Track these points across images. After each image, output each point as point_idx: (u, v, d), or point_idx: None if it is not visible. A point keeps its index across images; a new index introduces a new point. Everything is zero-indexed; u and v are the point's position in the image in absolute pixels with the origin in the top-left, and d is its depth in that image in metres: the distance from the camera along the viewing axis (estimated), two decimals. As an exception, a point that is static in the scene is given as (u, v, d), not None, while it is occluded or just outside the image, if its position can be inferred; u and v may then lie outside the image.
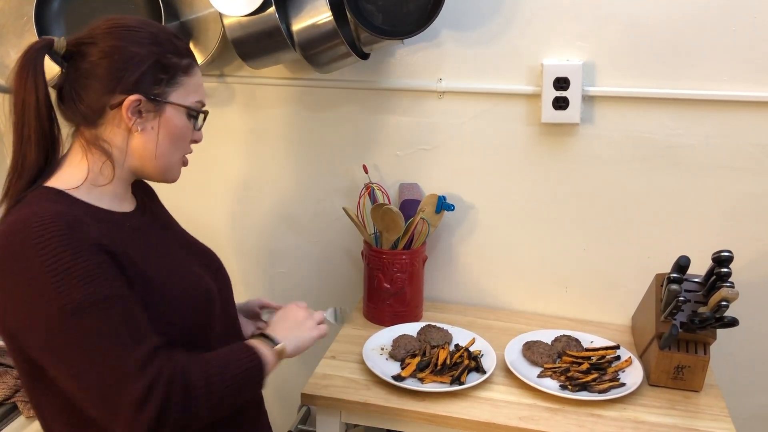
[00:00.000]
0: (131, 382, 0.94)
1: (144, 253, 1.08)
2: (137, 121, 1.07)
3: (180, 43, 1.12)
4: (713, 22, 1.53)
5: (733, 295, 1.35)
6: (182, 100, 1.10)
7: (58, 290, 0.93)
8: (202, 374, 1.01)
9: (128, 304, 0.98)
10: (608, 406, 1.40)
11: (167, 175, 1.15)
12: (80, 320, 0.94)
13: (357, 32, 1.63)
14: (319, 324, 1.25)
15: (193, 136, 1.16)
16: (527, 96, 1.66)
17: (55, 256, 0.94)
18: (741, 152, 1.59)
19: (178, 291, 1.10)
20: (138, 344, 0.96)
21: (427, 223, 1.71)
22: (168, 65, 1.08)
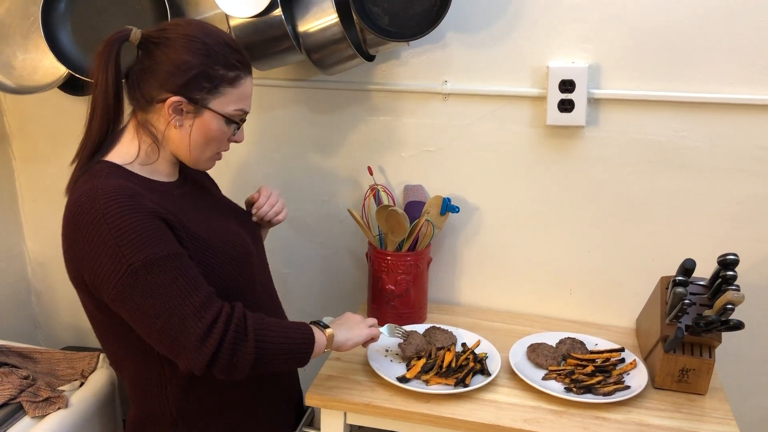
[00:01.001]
0: (193, 322, 1.13)
1: (190, 216, 1.26)
2: (176, 118, 1.22)
3: (232, 57, 1.23)
4: (718, 25, 1.53)
5: (738, 299, 1.35)
6: (222, 108, 1.23)
7: (125, 252, 1.12)
8: (258, 325, 1.18)
9: (183, 260, 1.16)
10: (613, 409, 1.40)
11: (199, 166, 1.31)
12: (146, 276, 1.12)
13: (363, 34, 1.63)
14: (371, 326, 1.42)
15: (233, 138, 1.30)
16: (532, 98, 1.67)
17: (120, 224, 1.12)
18: (746, 155, 1.59)
19: (222, 245, 1.27)
20: (195, 291, 1.14)
21: (432, 225, 1.71)
22: (214, 76, 1.21)
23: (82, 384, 1.58)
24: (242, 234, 1.36)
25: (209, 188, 1.47)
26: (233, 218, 1.40)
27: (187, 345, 1.13)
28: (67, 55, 1.69)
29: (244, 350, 1.16)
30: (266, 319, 1.22)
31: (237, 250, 1.31)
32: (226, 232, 1.32)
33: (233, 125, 1.27)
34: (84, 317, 2.21)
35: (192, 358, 1.13)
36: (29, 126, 2.05)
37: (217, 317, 1.14)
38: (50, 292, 2.22)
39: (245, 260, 1.32)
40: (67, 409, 1.48)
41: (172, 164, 1.31)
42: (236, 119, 1.27)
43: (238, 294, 1.28)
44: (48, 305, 2.24)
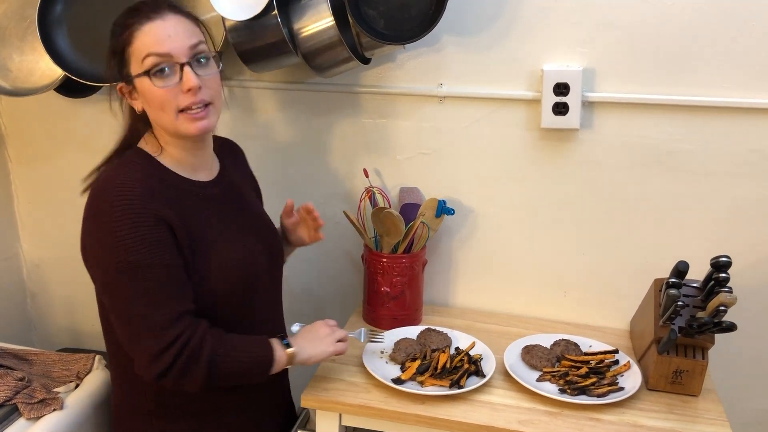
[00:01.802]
0: (153, 337, 1.16)
1: (204, 220, 1.27)
2: (130, 101, 1.25)
3: (127, 18, 1.20)
4: (712, 29, 1.54)
5: (731, 300, 1.36)
6: (138, 69, 1.19)
7: (117, 249, 1.15)
8: (214, 352, 1.19)
9: (169, 271, 1.18)
10: (607, 410, 1.41)
11: (180, 132, 1.24)
12: (127, 277, 1.15)
13: (359, 37, 1.63)
14: (339, 341, 1.38)
15: (182, 87, 1.19)
16: (527, 101, 1.67)
17: (121, 222, 1.15)
18: (739, 158, 1.60)
19: (227, 258, 1.27)
20: (165, 308, 1.16)
21: (427, 227, 1.72)
22: (116, 47, 1.21)
23: (77, 386, 1.58)
24: (256, 250, 1.36)
25: (245, 195, 1.44)
26: (254, 232, 1.39)
27: (141, 356, 1.18)
28: (64, 58, 1.69)
29: (194, 375, 1.19)
30: (223, 346, 1.22)
31: (242, 265, 1.31)
32: (237, 245, 1.31)
33: (163, 75, 1.17)
34: (79, 319, 2.22)
35: (143, 368, 1.19)
36: (25, 128, 2.05)
37: (175, 340, 1.16)
38: (45, 293, 2.22)
39: (248, 276, 1.32)
40: (62, 410, 1.48)
41: (190, 153, 1.29)
42: (154, 68, 1.17)
43: (231, 306, 1.30)
44: (43, 307, 2.24)
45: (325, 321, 1.41)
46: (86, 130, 1.98)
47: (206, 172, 1.34)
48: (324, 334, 1.37)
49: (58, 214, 2.09)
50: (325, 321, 1.41)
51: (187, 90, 1.18)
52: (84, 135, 1.99)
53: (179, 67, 1.18)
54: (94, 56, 1.69)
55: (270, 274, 1.41)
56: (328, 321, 1.42)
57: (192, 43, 1.20)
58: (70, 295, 2.18)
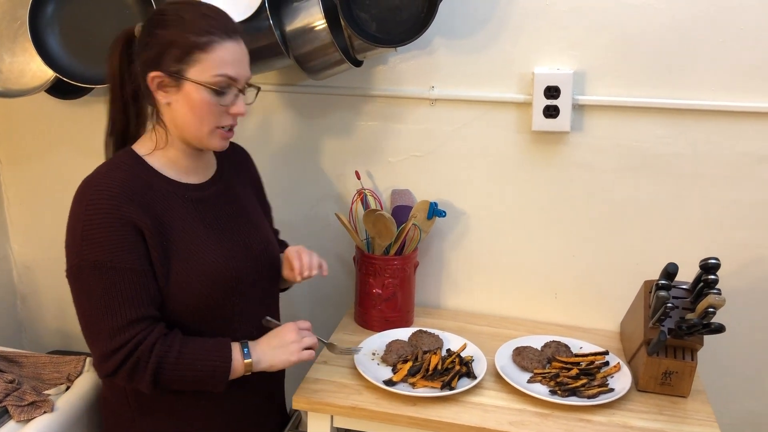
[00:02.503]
0: (103, 340, 1.20)
1: (187, 227, 1.28)
2: (162, 94, 1.24)
3: (204, 23, 1.21)
4: (701, 33, 1.55)
5: (719, 302, 1.37)
6: (199, 77, 1.21)
7: (82, 247, 1.19)
8: (161, 360, 1.21)
9: (130, 276, 1.20)
10: (597, 411, 1.41)
11: (204, 144, 1.29)
12: (88, 275, 1.19)
13: (351, 40, 1.64)
14: (305, 349, 1.34)
15: (231, 110, 1.27)
16: (518, 104, 1.68)
17: (91, 221, 1.19)
18: (728, 161, 1.62)
19: (206, 264, 1.28)
20: (120, 312, 1.19)
21: (419, 229, 1.73)
22: (183, 44, 1.20)
23: (68, 388, 1.58)
24: (239, 255, 1.34)
25: (241, 199, 1.43)
26: (242, 237, 1.37)
27: (93, 353, 1.24)
28: (55, 59, 1.68)
29: (141, 379, 1.22)
30: (175, 351, 1.23)
31: (221, 272, 1.30)
32: (219, 251, 1.31)
33: (223, 95, 1.24)
34: (69, 321, 2.21)
35: (95, 365, 1.25)
36: (16, 129, 2.04)
37: (124, 345, 1.19)
38: (36, 295, 2.21)
39: (228, 281, 1.31)
40: (52, 413, 1.47)
41: (190, 157, 1.31)
42: (219, 87, 1.22)
43: (210, 309, 1.30)
44: (34, 309, 2.22)
45: (296, 324, 1.36)
46: (77, 131, 1.98)
47: (199, 174, 1.35)
48: (290, 340, 1.33)
49: (49, 216, 2.08)
50: (296, 324, 1.36)
51: (234, 113, 1.27)
52: (75, 136, 1.98)
53: (236, 92, 1.26)
54: (85, 58, 1.68)
55: (255, 280, 1.38)
56: (299, 323, 1.37)
57: (249, 75, 1.29)
58: (61, 297, 2.17)
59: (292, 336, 1.33)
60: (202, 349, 1.26)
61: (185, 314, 1.28)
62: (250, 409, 1.44)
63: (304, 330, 1.36)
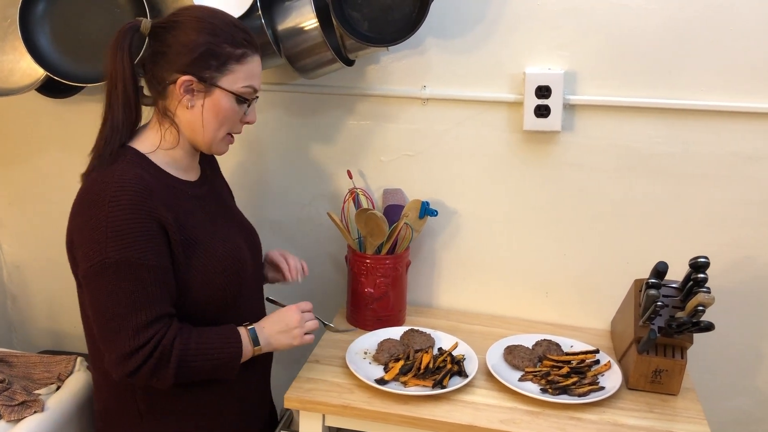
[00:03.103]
0: (125, 338, 1.18)
1: (197, 219, 1.30)
2: (188, 98, 1.26)
3: (238, 35, 1.26)
4: (692, 33, 1.56)
5: (709, 300, 1.38)
6: (231, 86, 1.26)
7: (106, 245, 1.17)
8: (183, 353, 1.22)
9: (153, 273, 1.20)
10: (588, 410, 1.42)
11: (213, 149, 1.33)
12: (111, 274, 1.18)
13: (342, 39, 1.64)
14: (307, 334, 1.38)
15: (245, 118, 1.33)
16: (509, 104, 1.69)
17: (116, 217, 1.17)
18: (719, 160, 1.63)
19: (219, 253, 1.30)
20: (144, 310, 1.19)
21: (411, 229, 1.73)
22: (220, 53, 1.24)
23: (58, 388, 1.57)
24: (242, 247, 1.39)
25: (225, 198, 1.50)
26: (238, 230, 1.43)
27: (113, 353, 1.20)
28: (45, 58, 1.67)
29: (163, 376, 1.22)
30: (194, 343, 1.24)
31: (232, 261, 1.33)
32: (226, 241, 1.35)
33: (244, 104, 1.30)
34: (61, 321, 2.20)
35: (114, 366, 1.21)
36: (6, 128, 2.03)
37: (148, 342, 1.19)
38: (26, 295, 2.20)
39: (238, 272, 1.35)
40: (43, 413, 1.47)
41: (190, 156, 1.35)
42: (246, 97, 1.29)
43: (222, 300, 1.32)
44: (24, 309, 2.21)
45: (298, 306, 1.40)
46: (68, 130, 1.97)
47: (193, 173, 1.38)
48: (293, 325, 1.37)
49: (39, 216, 2.07)
50: (299, 306, 1.40)
51: (246, 122, 1.34)
52: (65, 136, 1.98)
53: (251, 102, 1.32)
54: (76, 56, 1.67)
55: (254, 270, 1.44)
56: (302, 305, 1.40)
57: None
58: (51, 297, 2.16)
59: (295, 321, 1.37)
60: (216, 338, 1.28)
61: (204, 305, 1.30)
62: (240, 408, 1.44)
63: (306, 312, 1.40)
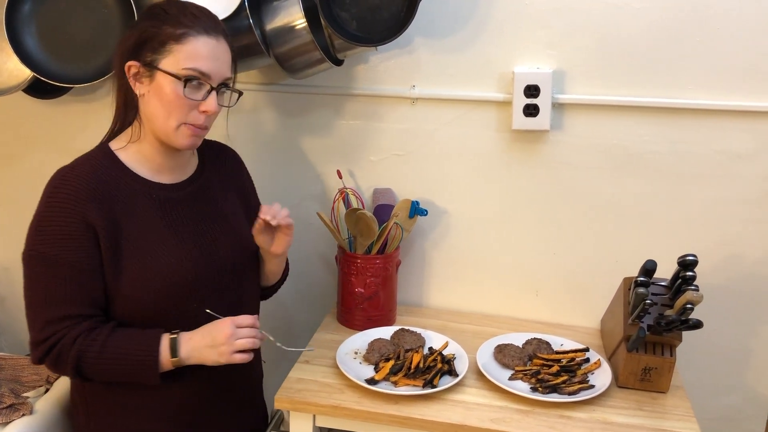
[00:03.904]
0: (36, 329, 1.25)
1: (143, 227, 1.28)
2: (138, 85, 1.25)
3: (182, 17, 1.22)
4: (679, 32, 1.57)
5: (697, 298, 1.39)
6: (171, 68, 1.21)
7: (35, 236, 1.24)
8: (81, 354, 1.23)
9: (71, 273, 1.22)
10: (578, 408, 1.42)
11: (171, 140, 1.27)
12: (34, 264, 1.24)
13: (331, 39, 1.64)
14: (235, 353, 1.24)
15: (200, 107, 1.25)
16: (498, 103, 1.69)
17: (46, 212, 1.23)
18: (706, 159, 1.64)
19: (161, 264, 1.27)
20: (53, 306, 1.23)
21: (401, 228, 1.73)
22: (159, 33, 1.21)
23: (47, 390, 1.56)
24: (196, 261, 1.31)
25: (218, 200, 1.41)
26: (211, 240, 1.35)
27: (29, 339, 1.27)
28: (32, 58, 1.66)
29: (63, 370, 1.27)
30: (95, 347, 1.23)
31: (176, 274, 1.28)
32: (176, 253, 1.29)
33: (195, 89, 1.22)
34: (49, 323, 2.17)
35: (30, 350, 1.28)
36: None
37: (48, 338, 1.23)
38: (15, 297, 2.18)
39: (183, 285, 1.29)
40: (31, 415, 1.46)
41: (163, 155, 1.31)
42: (191, 77, 1.21)
43: (163, 313, 1.29)
44: (12, 311, 2.20)
45: (233, 320, 1.26)
46: (55, 131, 1.96)
47: (174, 174, 1.34)
48: (221, 341, 1.24)
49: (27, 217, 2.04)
50: (234, 320, 1.26)
51: (203, 111, 1.25)
52: (53, 136, 1.96)
53: (209, 88, 1.25)
54: (63, 57, 1.67)
55: (216, 285, 1.34)
56: (238, 320, 1.26)
57: (227, 75, 1.28)
58: (40, 298, 2.14)
59: (223, 336, 1.24)
60: (127, 343, 1.25)
61: (139, 314, 1.28)
62: (229, 410, 1.43)
63: (242, 329, 1.26)
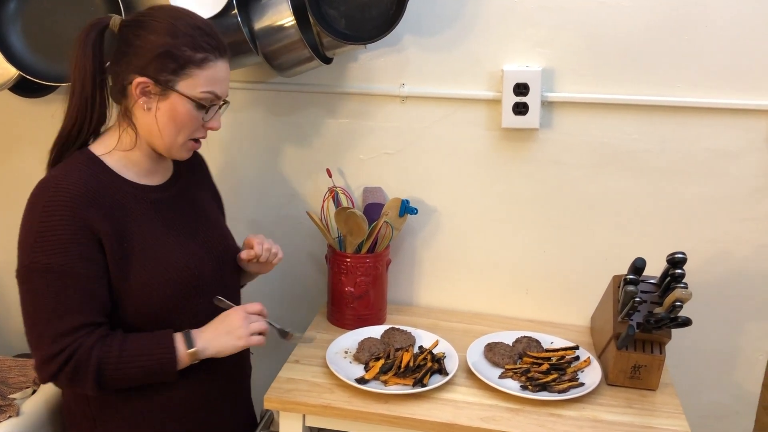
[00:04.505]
0: (45, 345, 1.18)
1: (145, 228, 1.26)
2: (144, 99, 1.23)
3: (201, 39, 1.22)
4: (667, 31, 1.57)
5: (686, 296, 1.39)
6: (189, 91, 1.22)
7: (35, 248, 1.18)
8: (103, 361, 1.19)
9: (80, 282, 1.18)
10: (567, 406, 1.43)
11: (172, 153, 1.29)
12: (37, 278, 1.18)
13: (320, 37, 1.63)
14: (253, 334, 1.29)
15: (208, 124, 1.29)
16: (488, 101, 1.69)
17: (46, 223, 1.17)
18: (694, 156, 1.64)
19: (167, 265, 1.27)
20: (65, 317, 1.17)
21: (391, 227, 1.72)
22: (179, 56, 1.20)
23: (34, 392, 1.55)
24: (200, 255, 1.33)
25: (198, 200, 1.43)
26: (202, 238, 1.37)
27: (36, 357, 1.20)
28: (18, 57, 1.65)
29: (83, 383, 1.20)
30: (114, 352, 1.20)
31: (184, 272, 1.29)
32: (180, 252, 1.30)
33: (203, 110, 1.25)
34: (37, 324, 2.16)
35: (37, 369, 1.21)
36: (-21, 128, 2.00)
37: (63, 351, 1.17)
38: (1, 298, 2.16)
39: (190, 283, 1.30)
40: (18, 417, 1.45)
41: (152, 159, 1.31)
42: (205, 103, 1.25)
43: (171, 310, 1.28)
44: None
45: (243, 308, 1.32)
46: (42, 130, 1.93)
47: (158, 176, 1.34)
48: (236, 326, 1.28)
49: (12, 217, 2.01)
50: (244, 308, 1.32)
51: (209, 128, 1.29)
52: (40, 136, 1.93)
53: (216, 107, 1.28)
54: (49, 55, 1.65)
55: (218, 280, 1.37)
56: (248, 307, 1.32)
57: (228, 92, 1.31)
58: (28, 299, 2.13)
59: (238, 321, 1.29)
60: (143, 344, 1.24)
61: (148, 316, 1.26)
62: (217, 411, 1.42)
63: (253, 315, 1.31)
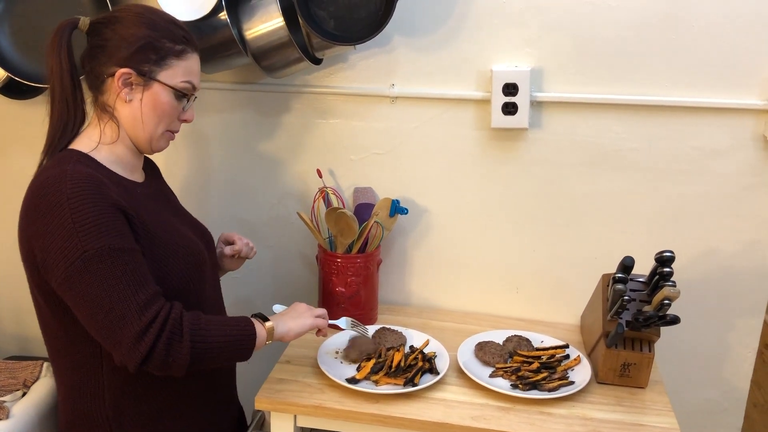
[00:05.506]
0: (132, 319, 1.14)
1: (152, 216, 1.28)
2: (126, 91, 1.25)
3: (178, 32, 1.28)
4: (655, 30, 1.58)
5: (675, 294, 1.40)
6: (169, 80, 1.27)
7: (81, 238, 1.14)
8: (195, 325, 1.19)
9: (135, 256, 1.18)
10: (558, 404, 1.43)
11: (153, 145, 1.32)
12: (97, 264, 1.14)
13: (309, 37, 1.63)
14: (317, 317, 1.42)
15: (182, 116, 1.33)
16: (477, 101, 1.70)
17: (83, 211, 1.15)
18: (682, 155, 1.65)
19: (178, 247, 1.30)
20: (141, 289, 1.16)
21: (381, 227, 1.73)
22: (160, 47, 1.25)
23: (24, 394, 1.54)
24: (197, 241, 1.39)
25: (171, 199, 1.50)
26: (190, 228, 1.44)
27: (123, 341, 1.15)
28: (6, 58, 1.65)
29: (179, 350, 1.17)
30: (204, 319, 1.23)
31: (192, 254, 1.34)
32: (183, 236, 1.35)
33: (183, 100, 1.30)
34: (27, 326, 2.16)
35: (126, 354, 1.15)
36: (-33, 130, 1.98)
37: (156, 317, 1.15)
38: (-9, 300, 2.15)
39: (198, 265, 1.35)
40: (8, 420, 1.44)
41: (133, 155, 1.33)
42: (185, 92, 1.29)
43: (186, 295, 1.29)
44: (-11, 314, 2.17)
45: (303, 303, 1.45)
46: (30, 132, 1.93)
47: (137, 173, 1.37)
48: (302, 310, 1.42)
49: (3, 220, 2.03)
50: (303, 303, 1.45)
51: (183, 119, 1.34)
52: (28, 138, 1.93)
53: (191, 99, 1.33)
54: (37, 56, 1.65)
55: (210, 265, 1.44)
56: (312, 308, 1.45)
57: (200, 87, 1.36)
58: (17, 302, 2.12)
59: (302, 307, 1.43)
60: (223, 318, 1.29)
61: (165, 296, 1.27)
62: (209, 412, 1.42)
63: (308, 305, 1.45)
